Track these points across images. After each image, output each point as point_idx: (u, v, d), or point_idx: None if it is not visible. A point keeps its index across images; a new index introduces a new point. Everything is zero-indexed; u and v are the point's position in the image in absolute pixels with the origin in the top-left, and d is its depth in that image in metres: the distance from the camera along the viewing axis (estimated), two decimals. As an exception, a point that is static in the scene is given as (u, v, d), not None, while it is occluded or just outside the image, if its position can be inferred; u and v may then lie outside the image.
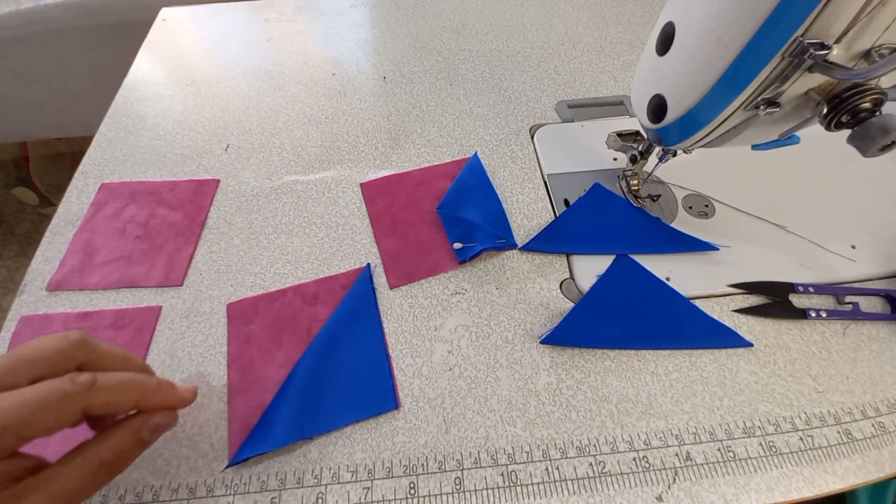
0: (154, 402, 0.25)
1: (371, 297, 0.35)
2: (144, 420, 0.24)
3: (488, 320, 0.34)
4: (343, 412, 0.30)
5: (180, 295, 0.36)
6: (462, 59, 0.54)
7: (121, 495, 0.28)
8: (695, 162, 0.38)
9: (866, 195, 0.40)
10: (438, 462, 0.29)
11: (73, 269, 0.37)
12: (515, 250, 0.38)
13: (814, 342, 0.33)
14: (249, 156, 0.44)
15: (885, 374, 0.32)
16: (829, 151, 0.42)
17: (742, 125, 0.27)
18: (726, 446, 0.29)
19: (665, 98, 0.29)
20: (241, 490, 0.28)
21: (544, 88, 0.50)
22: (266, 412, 0.30)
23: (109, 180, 0.42)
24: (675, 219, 0.39)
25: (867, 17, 0.21)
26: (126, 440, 0.23)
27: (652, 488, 0.28)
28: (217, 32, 0.58)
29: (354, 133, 0.46)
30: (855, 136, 0.24)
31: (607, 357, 0.32)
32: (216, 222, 0.40)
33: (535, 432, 0.30)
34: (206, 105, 0.49)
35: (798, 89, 0.24)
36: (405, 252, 0.38)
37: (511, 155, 0.44)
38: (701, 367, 0.32)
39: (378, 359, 0.32)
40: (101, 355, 0.23)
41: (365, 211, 0.40)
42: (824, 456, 0.29)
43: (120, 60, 0.55)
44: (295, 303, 0.35)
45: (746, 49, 0.23)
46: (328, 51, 0.55)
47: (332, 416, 0.30)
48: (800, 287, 0.35)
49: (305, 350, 0.32)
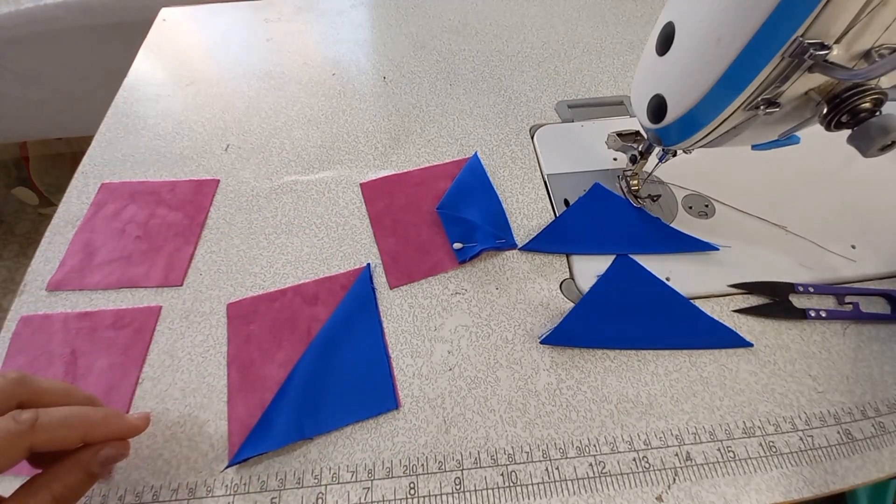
0: (101, 434, 0.24)
1: (371, 297, 0.35)
2: (93, 453, 0.24)
3: (488, 320, 0.34)
4: (343, 412, 0.30)
5: (180, 295, 0.36)
6: (462, 59, 0.54)
7: (121, 495, 0.28)
8: (695, 162, 0.38)
9: (866, 195, 0.40)
10: (438, 462, 0.29)
11: (73, 269, 0.37)
12: (515, 250, 0.38)
13: (814, 342, 0.33)
14: (249, 156, 0.44)
15: (885, 374, 0.32)
16: (829, 151, 0.42)
17: (742, 125, 0.27)
18: (726, 446, 0.29)
19: (665, 98, 0.29)
20: (241, 490, 0.28)
21: (544, 88, 0.50)
22: (266, 412, 0.30)
23: (109, 180, 0.42)
24: (675, 219, 0.39)
25: (867, 17, 0.21)
26: (76, 474, 0.23)
27: (652, 488, 0.28)
28: (217, 32, 0.58)
29: (354, 133, 0.46)
30: (855, 136, 0.24)
31: (607, 357, 0.32)
32: (216, 222, 0.40)
33: (535, 432, 0.30)
34: (206, 105, 0.49)
35: (798, 89, 0.24)
36: (405, 252, 0.38)
37: (511, 155, 0.44)
38: (701, 367, 0.32)
39: (378, 359, 0.32)
40: (41, 391, 0.23)
41: (365, 211, 0.40)
42: (824, 456, 0.29)
43: (120, 60, 0.55)
44: (295, 303, 0.35)
45: (746, 49, 0.23)
46: (328, 51, 0.55)
47: (333, 417, 0.30)
48: (800, 287, 0.35)
49: (305, 350, 0.32)
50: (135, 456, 0.29)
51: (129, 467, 0.28)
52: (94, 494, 0.28)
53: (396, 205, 0.40)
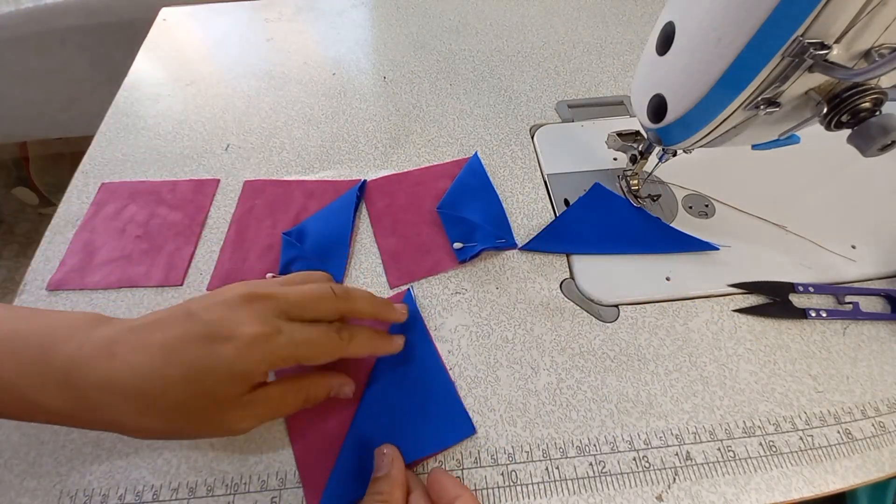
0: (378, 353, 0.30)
1: (420, 321, 0.34)
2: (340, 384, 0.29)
3: (488, 320, 0.34)
4: (422, 446, 0.28)
5: (180, 295, 0.36)
6: (462, 59, 0.54)
7: (121, 495, 0.28)
8: (695, 162, 0.38)
9: (866, 195, 0.40)
10: (438, 462, 0.29)
11: (73, 268, 0.37)
12: (515, 250, 0.38)
13: (814, 342, 0.33)
14: (249, 156, 0.44)
15: (885, 374, 0.32)
16: (829, 151, 0.42)
17: (742, 125, 0.27)
18: (726, 446, 0.29)
19: (665, 98, 0.29)
20: (241, 490, 0.28)
21: (544, 88, 0.50)
22: (341, 460, 0.28)
23: (109, 180, 0.42)
24: (675, 219, 0.39)
25: (867, 16, 0.21)
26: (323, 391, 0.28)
27: (652, 488, 0.28)
28: (217, 32, 0.58)
29: (354, 133, 0.46)
30: (855, 136, 0.24)
31: (607, 357, 0.32)
32: (216, 222, 0.40)
33: (535, 432, 0.30)
34: (206, 105, 0.49)
35: (798, 89, 0.24)
36: (405, 252, 0.38)
37: (511, 155, 0.44)
38: (701, 367, 0.32)
39: (443, 384, 0.31)
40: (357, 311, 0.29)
41: (365, 211, 0.40)
42: (824, 456, 0.29)
43: (119, 60, 0.55)
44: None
45: (746, 49, 0.23)
46: (328, 51, 0.55)
47: (411, 452, 0.28)
48: (800, 287, 0.35)
49: (366, 387, 0.31)
50: (135, 455, 0.29)
51: (130, 466, 0.28)
52: (94, 494, 0.28)
53: (396, 204, 0.40)
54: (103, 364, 0.23)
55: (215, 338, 0.24)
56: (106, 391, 0.23)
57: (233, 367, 0.24)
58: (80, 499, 0.27)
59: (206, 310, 0.25)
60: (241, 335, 0.24)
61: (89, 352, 0.23)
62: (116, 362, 0.23)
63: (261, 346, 0.24)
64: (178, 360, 0.23)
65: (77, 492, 0.28)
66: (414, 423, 0.29)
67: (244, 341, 0.24)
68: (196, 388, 0.23)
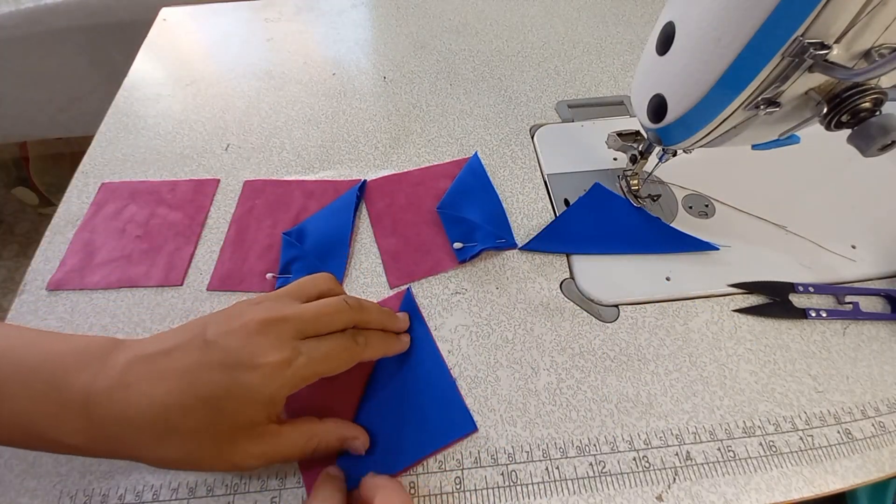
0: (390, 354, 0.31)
1: (421, 321, 0.34)
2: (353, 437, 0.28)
3: (488, 320, 0.34)
4: (423, 444, 0.29)
5: (180, 295, 0.36)
6: (462, 59, 0.54)
7: (121, 495, 0.28)
8: (695, 162, 0.38)
9: (866, 195, 0.40)
10: (438, 462, 0.29)
11: (74, 268, 0.37)
12: (515, 250, 0.38)
13: (814, 342, 0.33)
14: (249, 156, 0.44)
15: (885, 374, 0.32)
16: (829, 151, 0.42)
17: (742, 125, 0.27)
18: (726, 446, 0.29)
19: (665, 98, 0.29)
20: (241, 490, 0.28)
21: (544, 88, 0.50)
22: (339, 463, 0.28)
23: (109, 180, 0.42)
24: (675, 219, 0.39)
25: (867, 16, 0.21)
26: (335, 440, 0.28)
27: (652, 488, 0.28)
28: (217, 32, 0.58)
29: (354, 133, 0.46)
30: (855, 136, 0.24)
31: (607, 357, 0.32)
32: (216, 222, 0.40)
33: (535, 432, 0.30)
34: (206, 105, 0.49)
35: (798, 89, 0.24)
36: (405, 252, 0.38)
37: (511, 155, 0.44)
38: (701, 367, 0.32)
39: (444, 381, 0.31)
40: (370, 321, 0.29)
41: (365, 211, 0.40)
42: (824, 456, 0.29)
43: (120, 60, 0.56)
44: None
45: (746, 49, 0.23)
46: (328, 51, 0.55)
47: (412, 449, 0.29)
48: (800, 287, 0.35)
49: (369, 387, 0.31)
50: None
51: (129, 467, 0.28)
52: (93, 494, 0.28)
53: (396, 205, 0.40)
54: (120, 395, 0.23)
55: (236, 366, 0.24)
56: (123, 424, 0.23)
57: (257, 392, 0.24)
58: (80, 499, 0.28)
59: (224, 336, 0.24)
60: (263, 365, 0.24)
61: (105, 382, 0.23)
62: (133, 393, 0.23)
63: (283, 372, 0.24)
64: (198, 387, 0.23)
65: (77, 492, 0.28)
66: (415, 421, 0.30)
67: (267, 371, 0.24)
68: (217, 412, 0.23)
